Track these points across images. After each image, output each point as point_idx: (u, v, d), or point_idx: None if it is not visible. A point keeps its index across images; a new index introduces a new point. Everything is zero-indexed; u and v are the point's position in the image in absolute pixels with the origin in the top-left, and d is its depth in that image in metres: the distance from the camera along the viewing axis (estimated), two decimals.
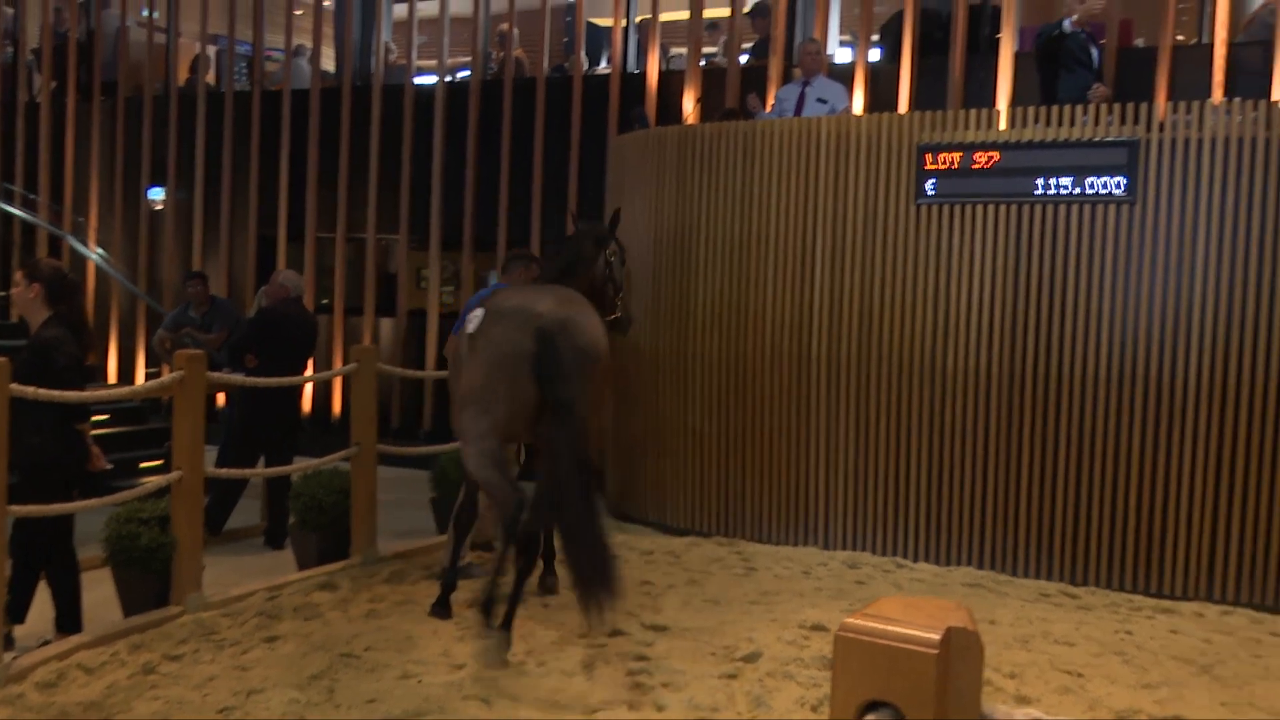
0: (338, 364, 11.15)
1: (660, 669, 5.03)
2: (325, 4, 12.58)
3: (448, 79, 11.60)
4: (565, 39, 12.62)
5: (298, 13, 12.89)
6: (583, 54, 10.99)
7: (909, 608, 1.39)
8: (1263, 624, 6.14)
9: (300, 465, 7.03)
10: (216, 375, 6.50)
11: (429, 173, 11.26)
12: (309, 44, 12.56)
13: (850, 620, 1.38)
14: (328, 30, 12.71)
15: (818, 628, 5.56)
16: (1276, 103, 6.62)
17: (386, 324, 11.63)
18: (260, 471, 7.48)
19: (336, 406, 11.52)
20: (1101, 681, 5.06)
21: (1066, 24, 7.87)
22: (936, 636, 1.36)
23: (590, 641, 5.42)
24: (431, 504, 7.82)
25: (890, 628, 1.38)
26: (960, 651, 1.38)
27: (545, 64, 11.09)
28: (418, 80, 11.73)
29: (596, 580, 4.86)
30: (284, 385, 7.23)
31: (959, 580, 6.84)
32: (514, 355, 5.14)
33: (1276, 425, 6.39)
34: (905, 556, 7.26)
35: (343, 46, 12.19)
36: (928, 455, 7.17)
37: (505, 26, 11.27)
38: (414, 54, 11.69)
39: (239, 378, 7.03)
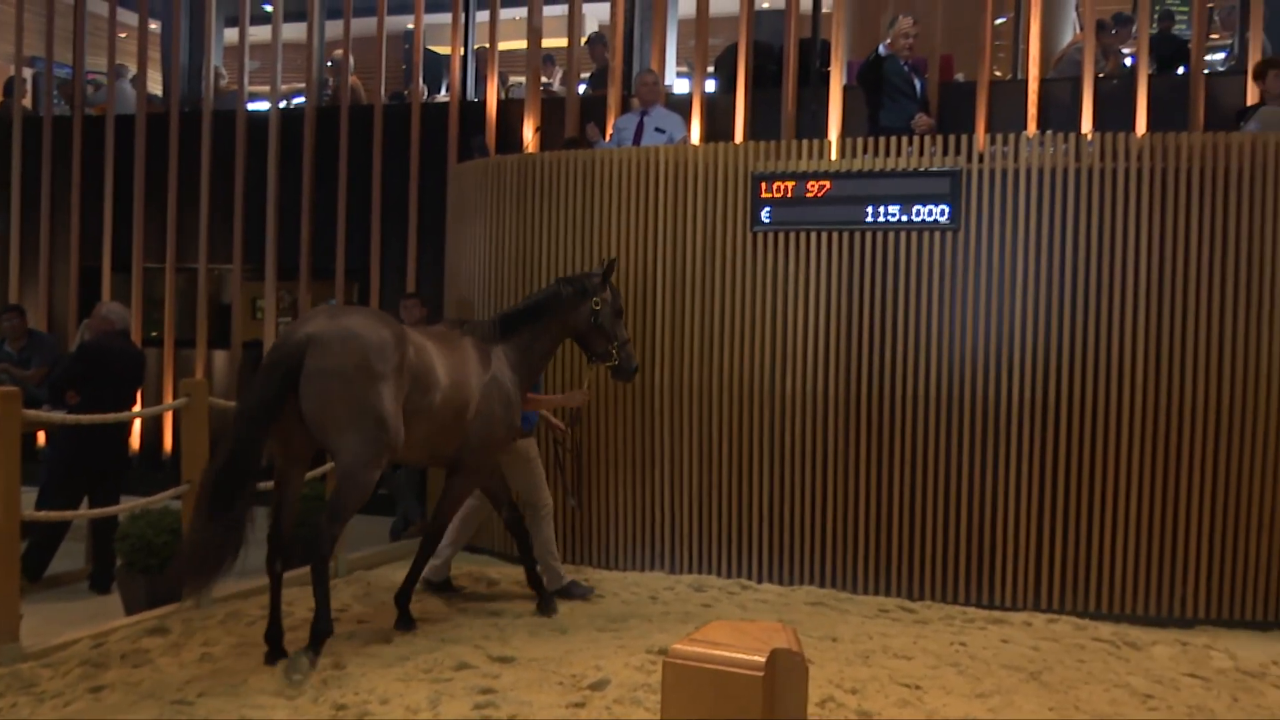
0: (168, 399, 10.74)
1: (507, 700, 4.98)
2: (151, 27, 12.18)
3: (282, 105, 11.36)
4: (403, 66, 12.51)
5: (121, 35, 12.45)
6: (421, 81, 10.90)
7: (736, 631, 1.42)
8: (1085, 630, 6.45)
9: (128, 505, 6.73)
10: (34, 413, 6.18)
11: (263, 200, 10.99)
12: (133, 66, 12.13)
13: (677, 646, 1.40)
14: (154, 54, 12.28)
15: (665, 653, 5.58)
16: (1085, 135, 7.02)
17: (220, 356, 11.26)
18: (83, 513, 7.15)
19: (168, 443, 11.09)
20: (938, 693, 5.22)
21: (881, 48, 8.18)
22: (762, 659, 1.39)
23: (435, 677, 5.34)
24: (268, 542, 7.57)
25: (717, 652, 1.40)
26: (785, 673, 1.41)
27: (383, 91, 10.96)
28: (251, 106, 11.45)
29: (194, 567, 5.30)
30: (108, 422, 6.92)
31: (802, 599, 6.98)
32: (262, 369, 5.45)
33: (1094, 440, 6.74)
34: (750, 578, 7.38)
35: (170, 70, 11.81)
36: (769, 478, 7.31)
37: (340, 53, 11.10)
38: (246, 79, 11.41)
39: (59, 415, 6.71)
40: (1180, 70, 9.33)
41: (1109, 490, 6.74)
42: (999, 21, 9.72)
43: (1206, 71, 8.81)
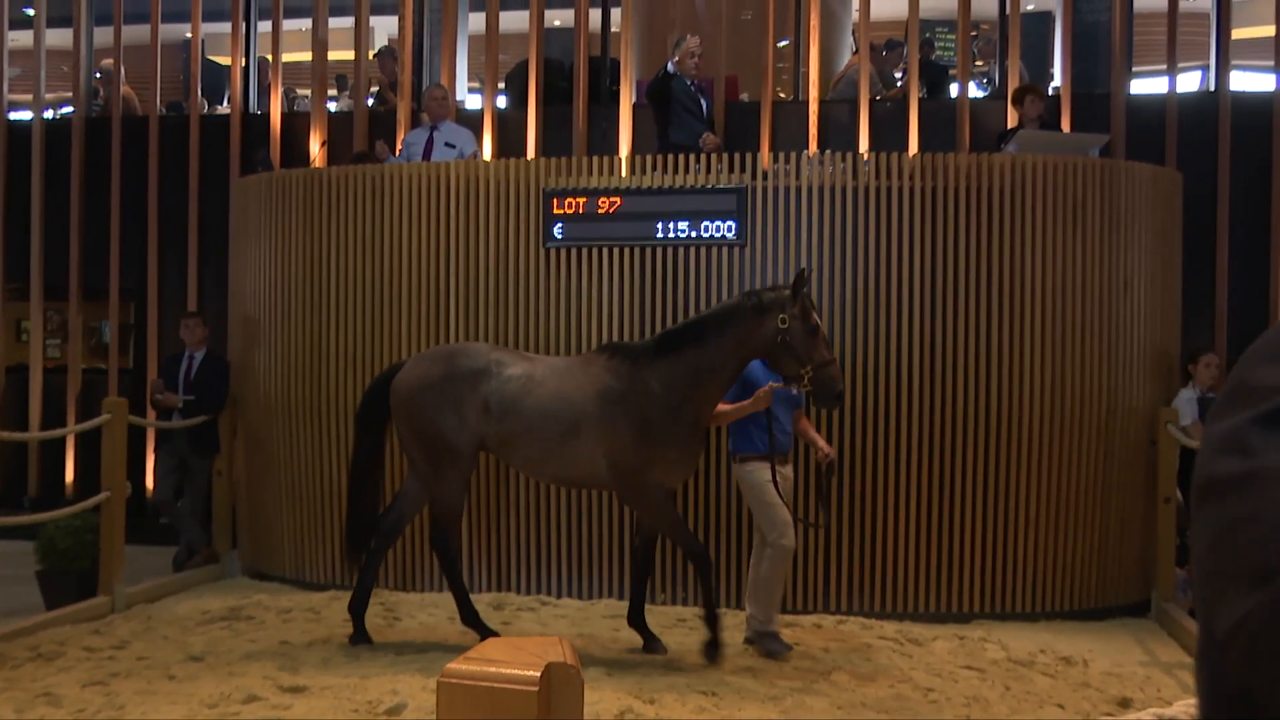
0: None
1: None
2: None
3: (47, 115, 10.73)
4: (181, 76, 12.01)
5: None
6: (200, 93, 10.49)
7: (511, 648, 1.42)
8: (871, 629, 6.72)
9: None
10: None
11: (28, 215, 10.34)
12: None
13: (452, 665, 1.40)
14: None
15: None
16: (862, 155, 7.35)
17: None
18: None
19: None
20: (734, 698, 5.34)
21: (670, 65, 8.36)
22: (536, 674, 1.40)
23: (222, 712, 5.12)
24: (38, 577, 7.13)
25: (491, 669, 1.40)
26: (560, 686, 1.43)
27: (158, 102, 10.48)
28: (12, 115, 10.77)
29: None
30: None
31: (601, 613, 7.02)
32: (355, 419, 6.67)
33: (874, 446, 7.04)
34: (549, 594, 7.37)
35: None
36: (566, 493, 7.32)
37: (109, 61, 10.57)
38: (5, 87, 10.73)
39: None
40: (948, 93, 9.88)
41: (889, 493, 7.05)
42: (781, 44, 10.06)
43: (972, 96, 9.36)
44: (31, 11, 10.79)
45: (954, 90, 9.77)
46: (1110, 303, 7.20)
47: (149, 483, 9.44)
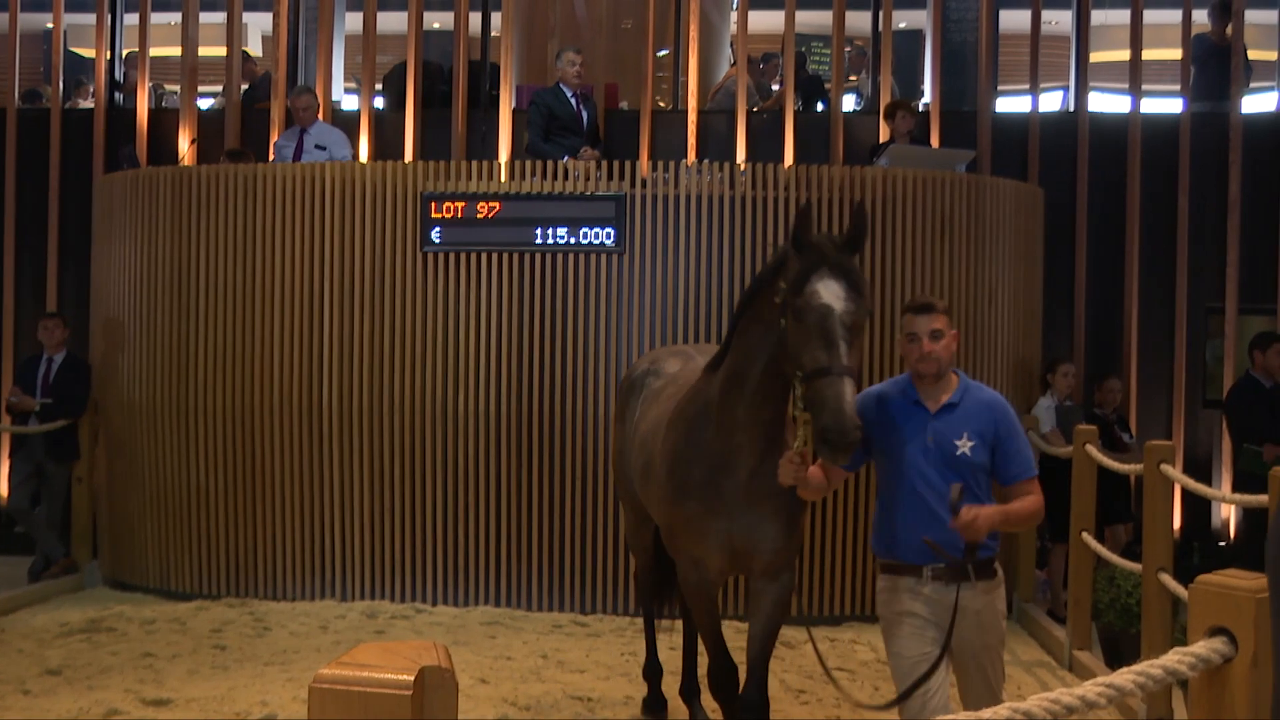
0: None
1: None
2: None
3: None
4: (41, 68, 11.56)
5: None
6: (61, 85, 10.10)
7: (385, 652, 1.41)
8: (743, 632, 6.80)
9: None
10: None
11: None
12: None
13: (324, 671, 1.38)
14: None
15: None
16: (739, 165, 7.47)
17: None
18: None
19: None
20: (611, 705, 5.36)
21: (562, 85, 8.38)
22: (410, 678, 1.39)
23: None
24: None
25: (364, 674, 1.39)
26: (434, 690, 1.43)
27: (16, 93, 10.06)
28: None
29: None
30: None
31: (477, 620, 6.98)
32: None
33: None
34: (424, 601, 7.29)
35: None
36: (442, 498, 7.26)
37: None
38: None
39: None
40: (820, 107, 10.09)
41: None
42: (660, 54, 10.15)
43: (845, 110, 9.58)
44: None
45: (827, 104, 9.99)
46: (975, 313, 7.44)
47: (1, 490, 9.04)
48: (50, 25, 10.28)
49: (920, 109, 9.46)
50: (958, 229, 7.42)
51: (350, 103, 10.33)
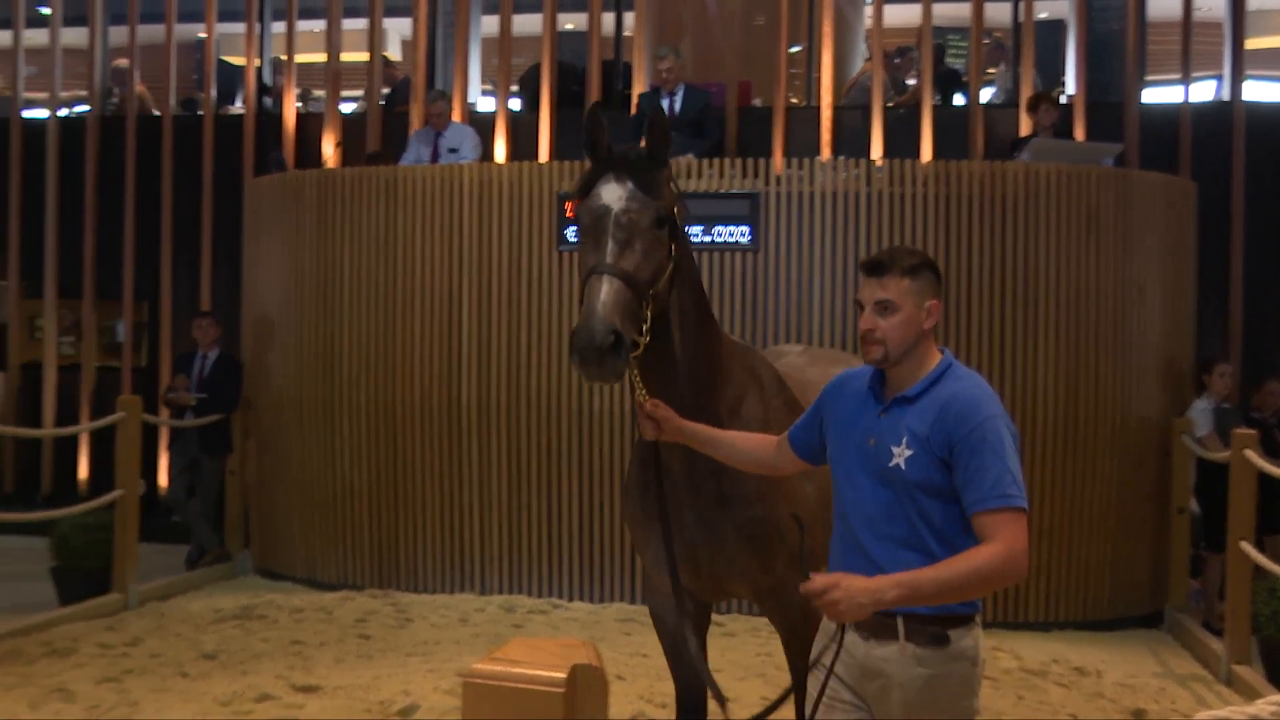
0: None
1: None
2: None
3: (61, 113, 10.77)
4: (195, 76, 12.04)
5: None
6: (214, 92, 10.51)
7: (535, 649, 1.42)
8: None
9: None
10: None
11: (42, 213, 10.38)
12: None
13: (477, 666, 1.40)
14: None
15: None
16: (875, 161, 7.36)
17: None
18: None
19: None
20: (746, 706, 5.34)
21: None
22: (562, 675, 1.40)
23: (235, 710, 5.15)
24: (52, 573, 7.16)
25: (517, 670, 1.41)
26: (586, 688, 1.43)
27: (172, 101, 10.52)
28: (27, 114, 10.81)
29: None
30: None
31: (612, 617, 7.03)
32: None
33: None
34: (561, 597, 7.38)
35: None
36: (579, 496, 7.33)
37: (124, 62, 10.61)
38: (21, 85, 10.77)
39: None
40: (961, 100, 9.87)
41: None
42: (794, 50, 10.06)
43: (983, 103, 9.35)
44: (48, 10, 10.82)
45: (966, 97, 9.76)
46: (1123, 312, 7.20)
47: (162, 481, 9.47)
48: (203, 35, 10.70)
49: (1063, 101, 9.18)
50: (1104, 225, 7.18)
51: (486, 105, 10.50)
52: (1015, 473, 2.56)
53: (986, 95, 9.84)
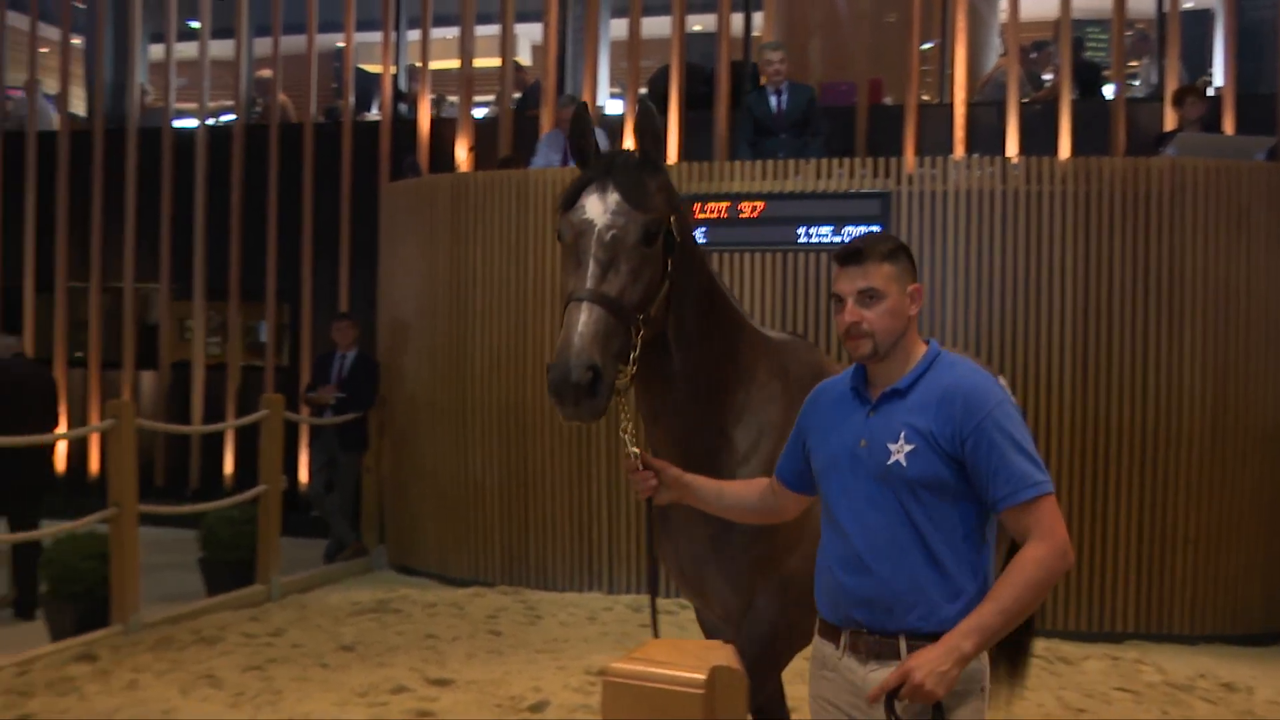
0: (94, 420, 10.52)
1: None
2: (74, 41, 11.97)
3: (209, 122, 11.21)
4: (334, 84, 12.41)
5: (43, 50, 12.22)
6: (352, 100, 10.82)
7: (674, 650, 1.43)
8: None
9: (52, 529, 6.58)
10: None
11: (191, 219, 10.83)
12: (55, 82, 11.91)
13: (616, 665, 1.41)
14: (77, 70, 12.06)
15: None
16: (1010, 159, 7.18)
17: (148, 377, 11.06)
18: (5, 537, 6.95)
19: (94, 465, 10.85)
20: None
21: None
22: (702, 677, 1.41)
23: (372, 701, 5.29)
24: (200, 565, 7.47)
25: (656, 670, 1.41)
26: (726, 691, 1.43)
27: (313, 109, 10.86)
28: (177, 123, 11.29)
29: None
30: (18, 446, 6.66)
31: None
32: None
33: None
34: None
35: (94, 86, 11.60)
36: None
37: (267, 72, 10.99)
38: (172, 96, 11.25)
39: None
40: (1109, 93, 9.57)
41: None
42: (926, 46, 9.89)
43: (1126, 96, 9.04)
44: (197, 24, 11.28)
45: (1108, 92, 9.46)
46: (1275, 313, 6.89)
47: (302, 477, 9.79)
48: (341, 45, 11.02)
49: (1211, 94, 8.82)
50: (1255, 222, 6.89)
51: (614, 107, 10.58)
52: (1034, 455, 2.43)
53: (1129, 89, 9.52)
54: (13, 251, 11.27)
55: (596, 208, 2.81)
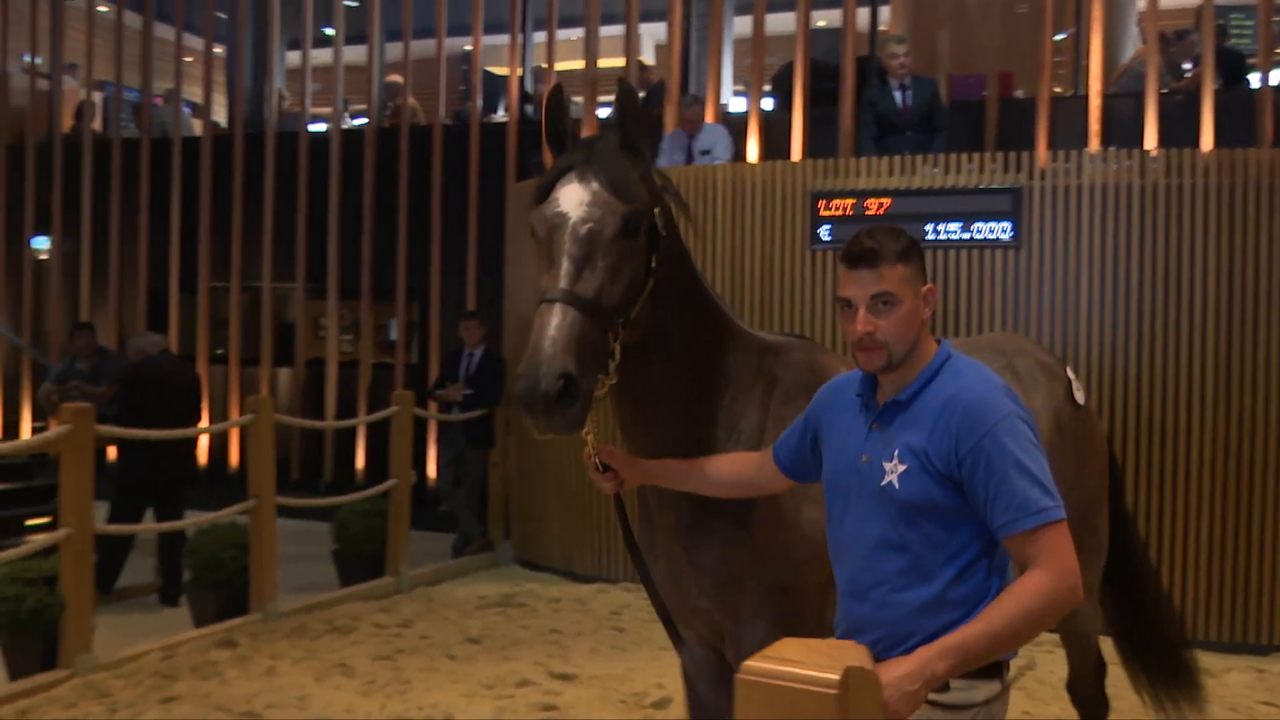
0: (234, 415, 10.92)
1: (569, 717, 5.01)
2: (216, 50, 12.44)
3: (343, 126, 11.53)
4: (461, 87, 12.65)
5: (187, 59, 12.71)
6: (479, 102, 11.01)
7: (808, 649, 1.42)
8: None
9: (194, 519, 6.86)
10: (105, 428, 6.32)
11: (325, 220, 11.15)
12: (199, 91, 12.40)
13: (749, 663, 1.41)
14: (219, 78, 12.53)
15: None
16: (1148, 151, 6.95)
17: (284, 374, 11.43)
18: (152, 527, 7.27)
19: (234, 459, 11.27)
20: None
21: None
22: (835, 677, 1.40)
23: (498, 693, 5.38)
24: (333, 556, 7.69)
25: (789, 669, 1.41)
26: (859, 692, 1.42)
27: (441, 111, 11.09)
28: (312, 127, 11.64)
29: None
30: (172, 438, 6.98)
31: None
32: None
33: (1162, 462, 6.63)
34: None
35: (235, 93, 12.04)
36: None
37: (398, 77, 11.25)
38: (308, 101, 11.60)
39: (129, 431, 6.80)
40: (1256, 82, 9.18)
41: (1178, 511, 6.62)
42: (1059, 37, 9.62)
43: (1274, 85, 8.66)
44: (331, 31, 11.62)
45: (1253, 80, 9.07)
46: None
47: (431, 472, 10.01)
48: (469, 48, 11.22)
49: None
50: None
51: (738, 105, 10.55)
52: (1043, 478, 2.15)
53: (1276, 77, 9.11)
54: (159, 254, 11.76)
55: (572, 199, 2.56)
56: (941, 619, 2.15)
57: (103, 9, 13.37)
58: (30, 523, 8.74)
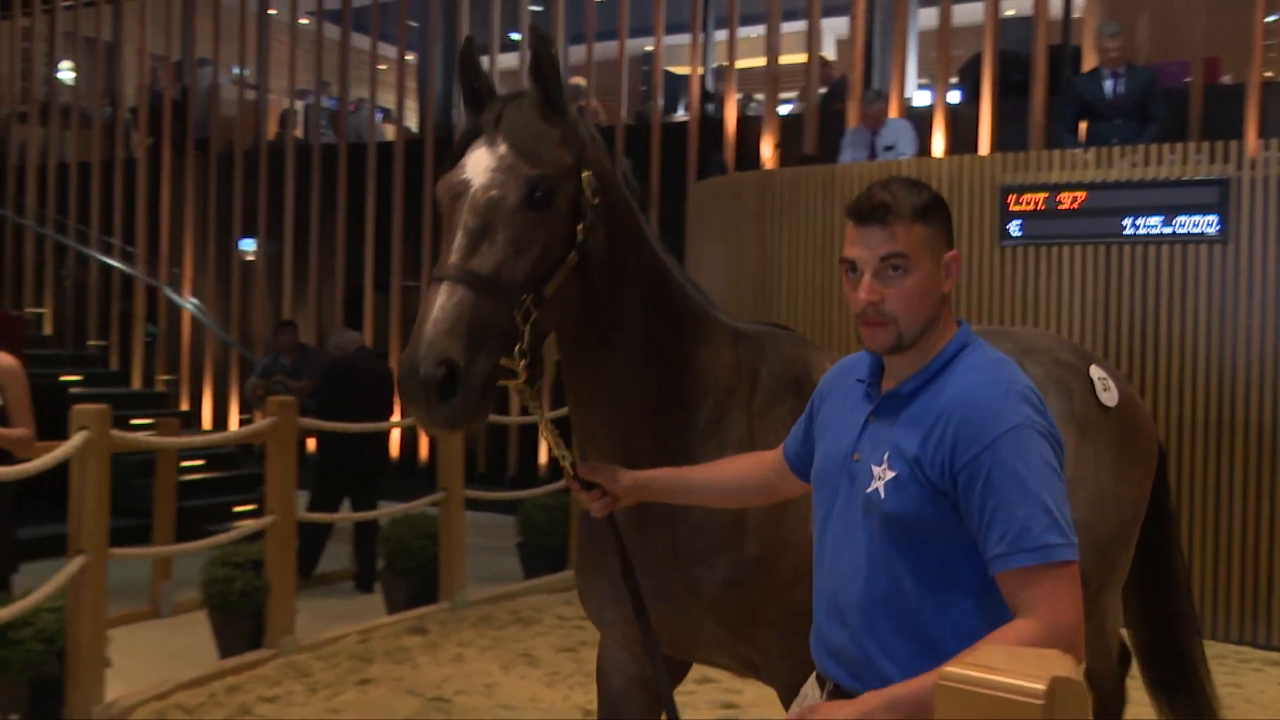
0: None
1: (749, 716, 5.00)
2: (408, 58, 12.90)
3: None
4: (642, 88, 12.78)
5: (381, 67, 13.22)
6: (660, 101, 11.10)
7: (1011, 656, 1.38)
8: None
9: (387, 510, 7.13)
10: (307, 421, 6.63)
11: None
12: (392, 98, 12.88)
13: (949, 669, 1.38)
14: (411, 85, 13.01)
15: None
16: None
17: None
18: (351, 516, 7.59)
19: (424, 452, 11.67)
20: None
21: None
22: (1042, 686, 1.35)
23: (679, 689, 5.39)
24: (518, 549, 7.88)
25: (992, 676, 1.37)
26: (1066, 703, 1.37)
27: (623, 112, 11.22)
28: None
29: None
30: (363, 432, 7.26)
31: None
32: None
33: None
34: None
35: (426, 99, 12.47)
36: None
37: (580, 80, 11.45)
38: None
39: (329, 424, 7.12)
40: None
41: None
42: (1270, 19, 9.08)
43: None
44: (518, 36, 11.91)
45: None
46: None
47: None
48: (650, 48, 11.32)
49: None
50: None
51: (921, 98, 10.33)
52: (1054, 506, 1.76)
53: None
54: (354, 253, 12.28)
55: (478, 165, 2.30)
56: (926, 659, 1.81)
57: (304, 21, 14.05)
58: (238, 509, 9.27)
